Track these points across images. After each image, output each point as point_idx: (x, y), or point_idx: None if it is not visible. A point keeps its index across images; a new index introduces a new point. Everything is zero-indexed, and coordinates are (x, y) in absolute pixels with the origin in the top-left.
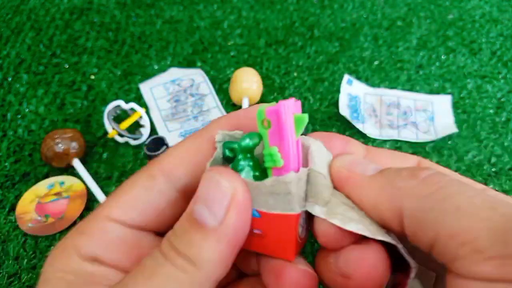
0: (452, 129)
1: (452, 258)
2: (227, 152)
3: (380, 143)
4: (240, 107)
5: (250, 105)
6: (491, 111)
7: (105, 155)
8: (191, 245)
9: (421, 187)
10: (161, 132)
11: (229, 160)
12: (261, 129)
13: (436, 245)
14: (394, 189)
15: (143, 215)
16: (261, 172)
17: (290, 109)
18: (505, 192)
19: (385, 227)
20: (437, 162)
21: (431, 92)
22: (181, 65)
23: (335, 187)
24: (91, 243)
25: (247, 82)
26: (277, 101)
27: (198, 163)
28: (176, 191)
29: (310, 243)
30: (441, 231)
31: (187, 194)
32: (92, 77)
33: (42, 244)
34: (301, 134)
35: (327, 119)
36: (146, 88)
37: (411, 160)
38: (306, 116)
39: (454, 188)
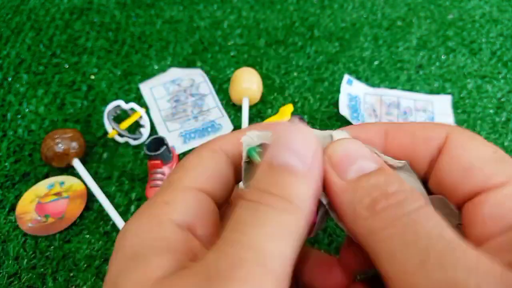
0: None
1: None
2: (256, 156)
3: None
4: (240, 107)
5: (250, 105)
6: (491, 111)
7: (105, 155)
8: (285, 187)
9: (371, 223)
10: (161, 132)
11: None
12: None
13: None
14: (355, 214)
15: (214, 183)
16: None
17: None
18: None
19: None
20: None
21: (431, 92)
22: (181, 65)
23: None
24: (181, 211)
25: (247, 82)
26: (277, 101)
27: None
28: (232, 164)
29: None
30: (381, 270)
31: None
32: (92, 77)
33: (42, 244)
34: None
35: (327, 119)
36: (146, 88)
37: (437, 135)
38: None
39: (397, 231)
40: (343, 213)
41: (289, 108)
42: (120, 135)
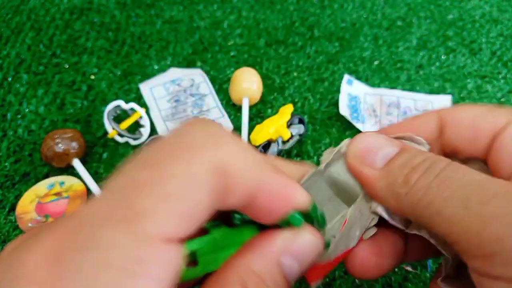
0: None
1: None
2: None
3: None
4: (240, 107)
5: (250, 105)
6: None
7: (105, 155)
8: None
9: (411, 196)
10: (161, 132)
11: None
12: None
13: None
14: (395, 194)
15: (192, 224)
16: None
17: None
18: None
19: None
20: None
21: (431, 92)
22: (181, 65)
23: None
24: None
25: (247, 82)
26: (277, 101)
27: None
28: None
29: None
30: (438, 233)
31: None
32: (92, 77)
33: None
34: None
35: (327, 119)
36: (146, 88)
37: (499, 121)
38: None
39: (434, 193)
40: (385, 199)
41: (289, 108)
42: (120, 135)
